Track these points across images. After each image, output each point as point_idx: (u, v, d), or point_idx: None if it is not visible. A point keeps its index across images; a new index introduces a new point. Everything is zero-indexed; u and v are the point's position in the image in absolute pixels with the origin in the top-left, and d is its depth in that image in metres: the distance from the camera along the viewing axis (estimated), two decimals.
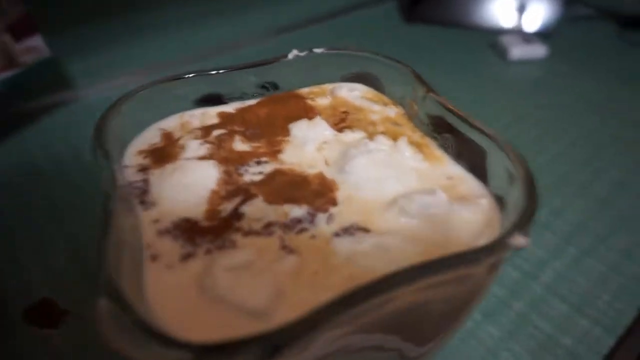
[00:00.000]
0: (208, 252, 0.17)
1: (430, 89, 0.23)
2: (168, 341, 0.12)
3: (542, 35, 0.77)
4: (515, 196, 0.18)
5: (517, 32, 0.79)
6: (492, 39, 0.78)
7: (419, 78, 0.24)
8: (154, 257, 0.17)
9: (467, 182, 0.21)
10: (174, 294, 0.16)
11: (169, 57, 0.68)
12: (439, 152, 0.23)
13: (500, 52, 0.75)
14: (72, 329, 0.38)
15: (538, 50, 0.75)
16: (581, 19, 0.83)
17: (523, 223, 0.16)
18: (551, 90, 0.64)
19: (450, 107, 0.21)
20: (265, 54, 0.27)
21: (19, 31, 0.53)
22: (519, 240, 0.15)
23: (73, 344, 0.37)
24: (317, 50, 0.26)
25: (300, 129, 0.23)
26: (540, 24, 0.78)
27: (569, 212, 0.49)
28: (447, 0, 0.83)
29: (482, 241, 0.18)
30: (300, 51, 0.26)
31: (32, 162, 0.56)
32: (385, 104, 0.26)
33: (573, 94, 0.63)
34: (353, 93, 0.27)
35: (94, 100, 0.67)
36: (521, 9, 0.81)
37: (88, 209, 0.50)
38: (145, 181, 0.21)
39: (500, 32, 0.79)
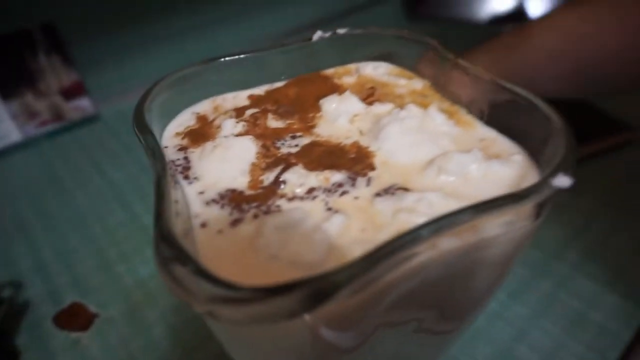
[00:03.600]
0: (255, 216, 0.18)
1: (458, 57, 0.23)
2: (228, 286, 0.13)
3: None
4: (552, 147, 0.18)
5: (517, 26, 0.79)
6: (494, 32, 0.79)
7: (446, 48, 0.24)
8: (204, 224, 0.18)
9: (500, 142, 0.21)
10: (228, 255, 0.17)
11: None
12: (469, 117, 0.23)
13: None
14: (101, 331, 0.39)
15: None
16: None
17: (566, 164, 0.16)
18: None
19: (482, 72, 0.22)
20: None
21: (71, 93, 0.64)
22: (562, 180, 0.16)
23: (102, 344, 0.38)
24: (341, 31, 0.27)
25: (331, 104, 0.24)
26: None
27: (590, 192, 0.50)
28: None
29: None
30: (324, 32, 0.27)
31: (52, 172, 0.58)
32: (410, 78, 0.27)
33: None
34: (378, 71, 0.27)
35: (107, 114, 0.68)
36: (521, 3, 0.82)
37: (108, 216, 0.52)
38: (186, 159, 0.21)
39: (501, 26, 0.80)
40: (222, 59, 0.25)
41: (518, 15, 0.81)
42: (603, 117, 0.54)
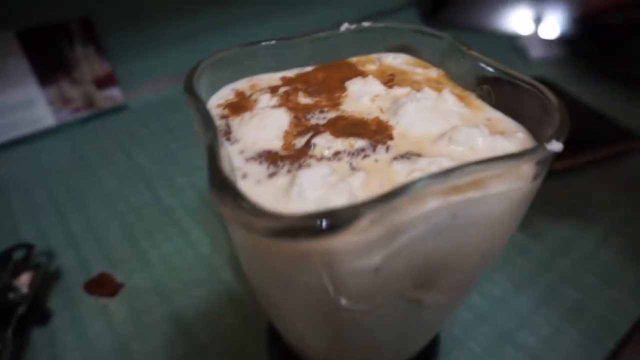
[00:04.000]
0: (289, 171, 0.21)
1: (469, 48, 0.26)
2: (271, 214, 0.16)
3: (560, 37, 0.79)
4: (549, 125, 0.21)
5: (535, 36, 0.82)
6: (512, 41, 0.81)
7: (459, 41, 0.27)
8: (245, 176, 0.21)
9: (505, 122, 0.24)
10: (266, 200, 0.19)
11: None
12: (478, 102, 0.26)
13: (521, 53, 0.77)
14: (127, 299, 0.42)
15: (557, 51, 0.78)
16: None
17: (559, 132, 0.19)
18: (572, 88, 0.66)
19: (490, 61, 0.25)
20: None
21: (103, 83, 0.67)
22: (555, 145, 0.18)
23: (128, 310, 0.41)
24: (365, 24, 0.30)
25: (355, 85, 0.27)
26: (557, 29, 0.81)
27: (595, 196, 0.52)
28: (467, 5, 0.87)
29: None
30: (351, 24, 0.30)
31: (82, 155, 0.61)
32: (426, 67, 0.30)
33: (591, 94, 0.65)
34: (397, 60, 0.30)
35: (134, 103, 0.72)
36: (539, 15, 0.84)
37: (134, 196, 0.55)
38: (227, 125, 0.24)
39: (519, 35, 0.82)
40: (259, 44, 0.28)
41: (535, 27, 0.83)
42: (611, 125, 0.56)
